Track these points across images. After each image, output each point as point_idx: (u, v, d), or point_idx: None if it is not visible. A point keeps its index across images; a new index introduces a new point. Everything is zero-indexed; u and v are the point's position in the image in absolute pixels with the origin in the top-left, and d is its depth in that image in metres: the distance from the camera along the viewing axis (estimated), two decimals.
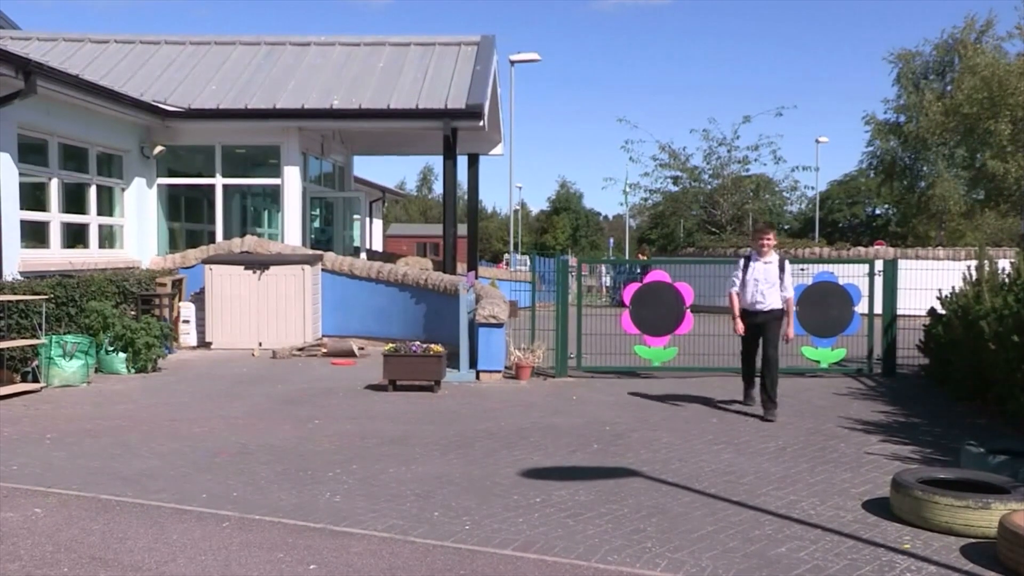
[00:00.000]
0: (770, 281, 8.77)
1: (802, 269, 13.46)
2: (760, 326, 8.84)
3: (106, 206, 14.98)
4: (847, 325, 11.03)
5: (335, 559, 4.69)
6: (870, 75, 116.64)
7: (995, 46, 31.13)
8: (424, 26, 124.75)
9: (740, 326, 8.94)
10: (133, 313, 12.62)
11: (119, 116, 14.53)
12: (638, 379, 11.28)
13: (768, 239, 8.90)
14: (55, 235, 13.34)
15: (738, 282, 8.95)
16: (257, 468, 6.61)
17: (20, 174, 12.13)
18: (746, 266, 8.93)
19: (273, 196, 17.77)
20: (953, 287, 10.87)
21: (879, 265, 11.64)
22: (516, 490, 6.04)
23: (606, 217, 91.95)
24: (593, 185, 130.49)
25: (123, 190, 15.39)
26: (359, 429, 8.09)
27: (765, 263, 8.84)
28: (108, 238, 15.09)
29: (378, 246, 33.26)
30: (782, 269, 8.85)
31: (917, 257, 19.46)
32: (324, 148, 18.35)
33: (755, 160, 30.82)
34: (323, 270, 14.92)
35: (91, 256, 14.07)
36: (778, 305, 8.83)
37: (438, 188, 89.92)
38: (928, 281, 13.20)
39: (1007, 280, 9.57)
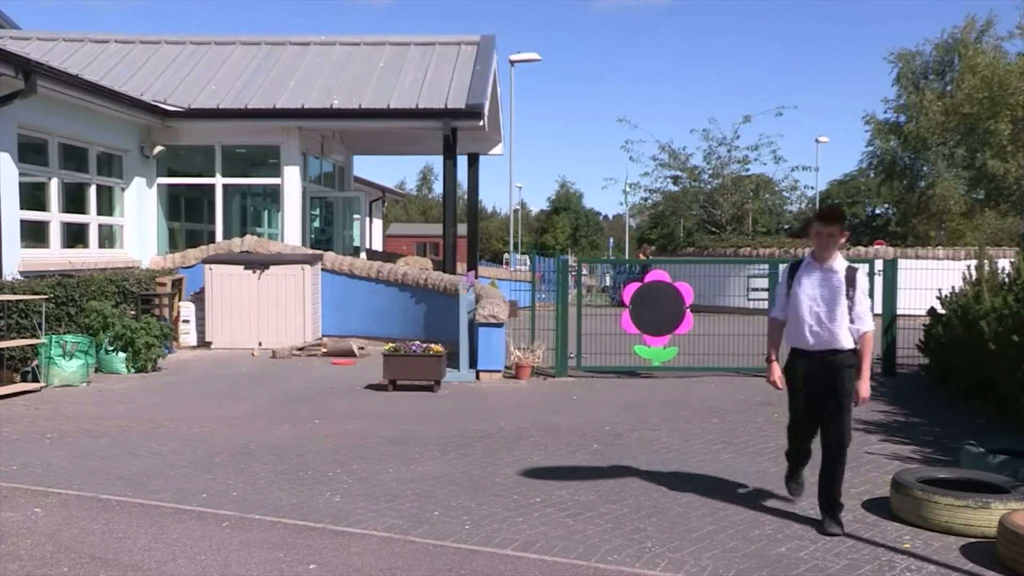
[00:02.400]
0: (832, 302, 5.31)
1: None
2: (815, 379, 5.38)
3: (106, 206, 14.98)
4: None
5: (335, 559, 4.68)
6: (870, 75, 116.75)
7: (995, 46, 31.12)
8: (424, 26, 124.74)
9: (775, 373, 5.58)
10: (133, 313, 12.61)
11: (119, 116, 14.53)
12: (638, 379, 11.28)
13: (831, 232, 5.32)
14: (55, 235, 13.34)
15: (781, 303, 5.61)
16: (257, 468, 6.61)
17: (20, 174, 12.13)
18: (792, 276, 5.50)
19: (273, 196, 17.77)
20: (953, 287, 10.88)
21: (879, 265, 11.63)
22: (516, 490, 6.04)
23: (606, 217, 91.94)
24: (593, 185, 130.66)
25: (123, 190, 15.39)
26: (359, 429, 8.09)
27: (824, 272, 5.37)
28: (108, 238, 15.09)
29: (378, 246, 33.26)
30: (852, 285, 5.31)
31: (917, 257, 19.46)
32: (324, 148, 18.35)
33: (755, 160, 30.78)
34: (323, 270, 14.92)
35: (91, 256, 14.07)
36: (845, 344, 5.31)
37: (438, 188, 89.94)
38: (928, 281, 13.20)
39: (1007, 280, 9.58)
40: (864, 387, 5.30)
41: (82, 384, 10.42)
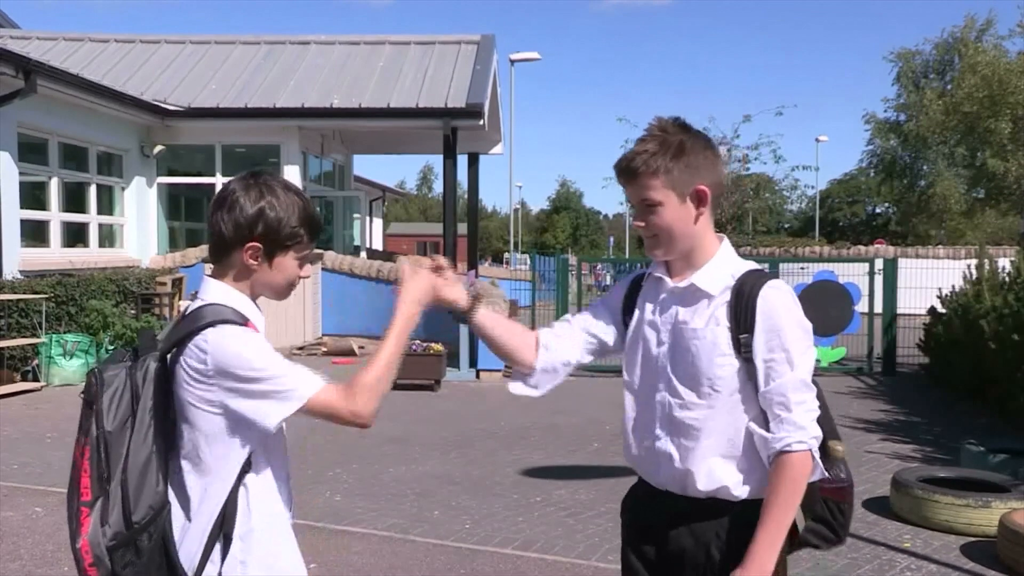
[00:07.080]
0: (689, 371, 2.04)
1: (802, 268, 13.47)
2: (653, 562, 2.18)
3: (106, 205, 14.97)
4: (847, 324, 11.03)
5: (335, 558, 4.68)
6: (870, 74, 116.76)
7: (995, 45, 31.08)
8: (424, 26, 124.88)
9: None
10: (133, 312, 12.61)
11: (119, 115, 14.51)
12: None
13: (647, 193, 2.18)
14: (55, 234, 13.33)
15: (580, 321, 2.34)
16: None
17: (20, 173, 12.11)
18: (630, 302, 2.25)
19: None
20: (953, 286, 10.88)
21: (879, 264, 11.63)
22: (516, 489, 6.04)
23: (606, 216, 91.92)
24: (593, 184, 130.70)
25: (123, 189, 15.38)
26: (358, 428, 8.08)
27: (674, 297, 2.12)
28: (108, 237, 15.09)
29: (378, 245, 33.23)
30: (749, 325, 1.98)
31: (917, 256, 19.47)
32: (324, 147, 18.34)
33: (755, 159, 30.77)
34: (323, 269, 14.91)
35: (91, 255, 14.06)
36: (729, 484, 2.09)
37: (438, 187, 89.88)
38: (928, 280, 13.20)
39: (1007, 279, 9.58)
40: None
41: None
